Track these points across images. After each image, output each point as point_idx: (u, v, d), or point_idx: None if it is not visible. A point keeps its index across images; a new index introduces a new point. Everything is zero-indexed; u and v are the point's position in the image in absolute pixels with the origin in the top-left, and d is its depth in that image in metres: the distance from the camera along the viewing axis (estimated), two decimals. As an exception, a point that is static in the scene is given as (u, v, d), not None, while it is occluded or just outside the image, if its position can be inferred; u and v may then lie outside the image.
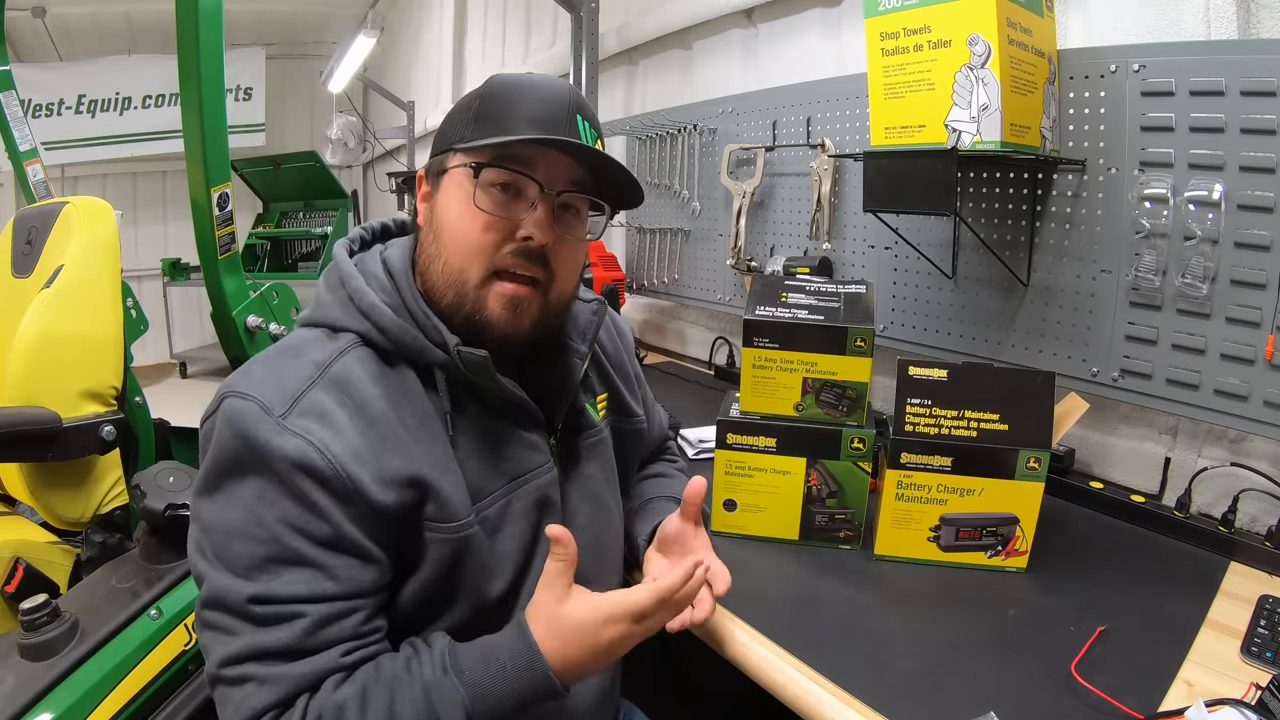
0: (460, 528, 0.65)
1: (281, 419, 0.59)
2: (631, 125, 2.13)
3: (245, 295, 1.48)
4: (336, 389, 0.63)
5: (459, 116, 0.71)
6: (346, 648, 0.59)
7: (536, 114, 0.67)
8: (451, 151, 0.69)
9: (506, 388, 0.70)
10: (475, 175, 0.67)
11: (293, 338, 0.69)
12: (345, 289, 0.69)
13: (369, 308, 0.67)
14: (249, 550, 0.58)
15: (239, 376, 0.64)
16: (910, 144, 1.06)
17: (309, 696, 0.57)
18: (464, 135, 0.69)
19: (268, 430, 0.59)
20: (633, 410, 0.90)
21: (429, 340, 0.67)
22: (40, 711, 0.85)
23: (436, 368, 0.68)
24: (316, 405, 0.61)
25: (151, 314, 1.64)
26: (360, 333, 0.67)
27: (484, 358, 0.66)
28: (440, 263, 0.69)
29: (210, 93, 1.29)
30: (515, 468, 0.72)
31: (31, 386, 1.22)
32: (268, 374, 0.63)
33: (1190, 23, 1.02)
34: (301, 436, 0.59)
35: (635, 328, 2.50)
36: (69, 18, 4.47)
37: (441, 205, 0.70)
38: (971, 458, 0.89)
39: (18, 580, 1.09)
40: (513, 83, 0.70)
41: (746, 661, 0.77)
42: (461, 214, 0.68)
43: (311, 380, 0.63)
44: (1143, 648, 0.76)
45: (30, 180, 1.96)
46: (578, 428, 0.81)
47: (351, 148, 4.53)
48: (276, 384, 0.62)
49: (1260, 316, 0.93)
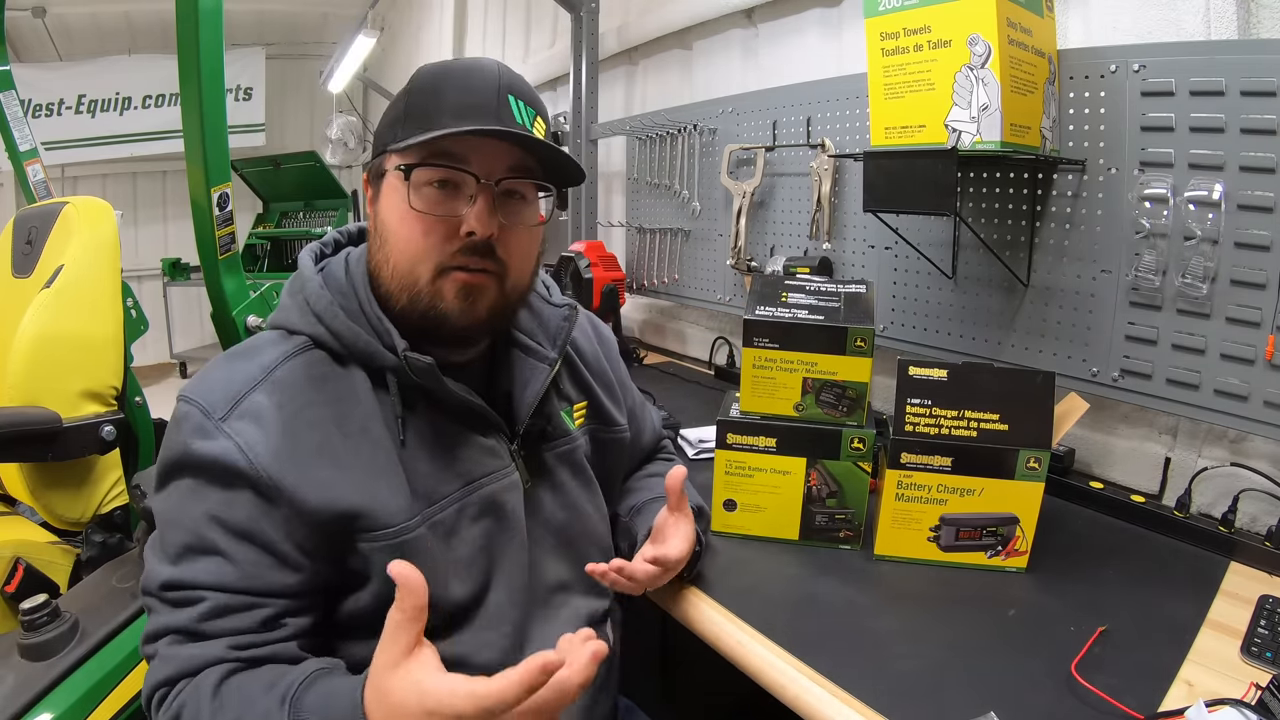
0: (398, 532, 0.65)
1: (221, 421, 0.63)
2: (631, 125, 2.13)
3: (245, 295, 1.48)
4: (278, 391, 0.65)
5: (390, 115, 0.71)
6: (239, 641, 0.60)
7: (463, 102, 0.65)
8: (386, 153, 0.69)
9: (457, 393, 0.69)
10: (406, 177, 0.66)
11: (252, 340, 0.71)
12: (302, 293, 0.69)
13: (322, 311, 0.68)
14: (176, 539, 0.62)
15: (197, 378, 0.67)
16: (910, 144, 1.06)
17: (187, 681, 0.59)
18: (395, 135, 0.68)
19: (201, 436, 0.62)
20: (614, 419, 0.88)
21: (381, 344, 0.67)
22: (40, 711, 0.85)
23: (388, 371, 0.68)
24: (254, 407, 0.64)
25: (151, 314, 1.64)
26: (312, 335, 0.68)
27: (430, 365, 0.66)
28: (389, 267, 0.68)
29: (210, 93, 1.29)
30: (469, 471, 0.71)
31: (31, 386, 1.22)
32: (220, 374, 0.66)
33: (1190, 23, 1.02)
34: (231, 439, 0.62)
35: (635, 328, 2.50)
36: (69, 18, 4.47)
37: (383, 209, 0.69)
38: (971, 458, 0.89)
39: (18, 580, 1.08)
40: (437, 73, 0.69)
41: (746, 662, 0.77)
42: (401, 217, 0.67)
43: (255, 382, 0.65)
44: (1143, 648, 0.76)
45: (30, 180, 1.96)
46: (544, 435, 0.79)
47: (351, 148, 4.53)
48: (224, 384, 0.65)
49: (1260, 316, 0.93)
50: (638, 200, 2.20)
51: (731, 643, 0.80)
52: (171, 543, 0.62)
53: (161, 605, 0.62)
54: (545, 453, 0.79)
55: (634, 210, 2.23)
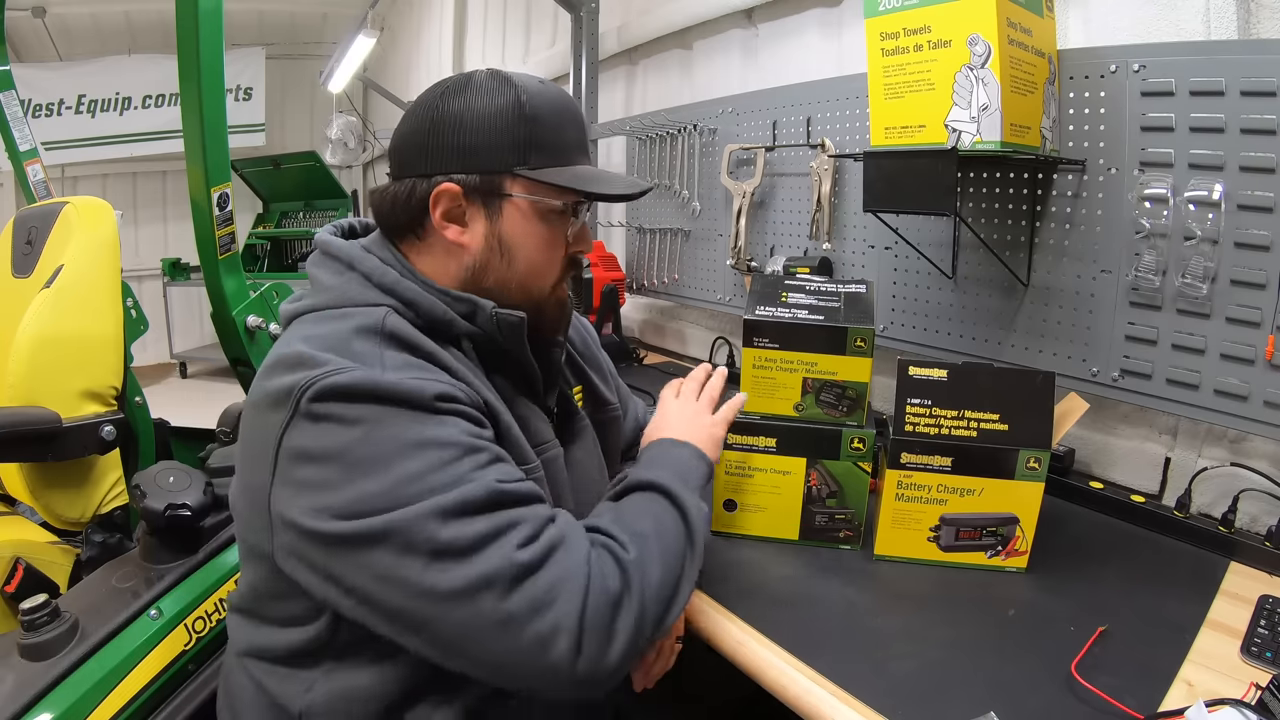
0: (533, 469, 0.70)
1: (386, 373, 0.59)
2: (631, 125, 2.13)
3: (245, 295, 1.47)
4: (403, 347, 0.63)
5: (503, 140, 0.69)
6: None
7: (580, 140, 0.74)
8: (511, 176, 0.70)
9: (529, 356, 0.74)
10: (574, 215, 0.74)
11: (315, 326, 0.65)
12: (357, 270, 0.69)
13: (393, 284, 0.67)
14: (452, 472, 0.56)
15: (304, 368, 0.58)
16: (910, 144, 1.06)
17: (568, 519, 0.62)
18: (523, 159, 0.69)
19: (392, 380, 0.57)
20: (607, 399, 0.94)
21: (455, 313, 0.69)
22: (40, 711, 0.85)
23: (464, 337, 0.70)
24: (401, 361, 0.61)
25: (151, 314, 1.64)
26: (389, 306, 0.66)
27: (521, 318, 0.70)
28: (515, 284, 0.73)
29: (210, 93, 1.29)
30: (534, 437, 0.74)
31: (31, 386, 1.22)
32: (332, 353, 0.60)
33: (1190, 23, 1.02)
34: (418, 379, 0.59)
35: (635, 328, 2.50)
36: (69, 18, 4.47)
37: (511, 231, 0.71)
38: (971, 458, 0.89)
39: (18, 580, 1.08)
40: (550, 105, 0.71)
41: (747, 662, 0.77)
42: (544, 243, 0.73)
43: (378, 343, 0.62)
44: (1143, 648, 0.76)
45: (30, 180, 1.95)
46: (568, 411, 0.86)
47: (351, 148, 4.53)
48: (349, 355, 0.60)
49: (1260, 316, 0.93)
50: (638, 200, 2.20)
51: (732, 643, 0.80)
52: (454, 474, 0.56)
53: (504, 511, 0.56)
54: (572, 426, 0.85)
55: (634, 210, 2.23)
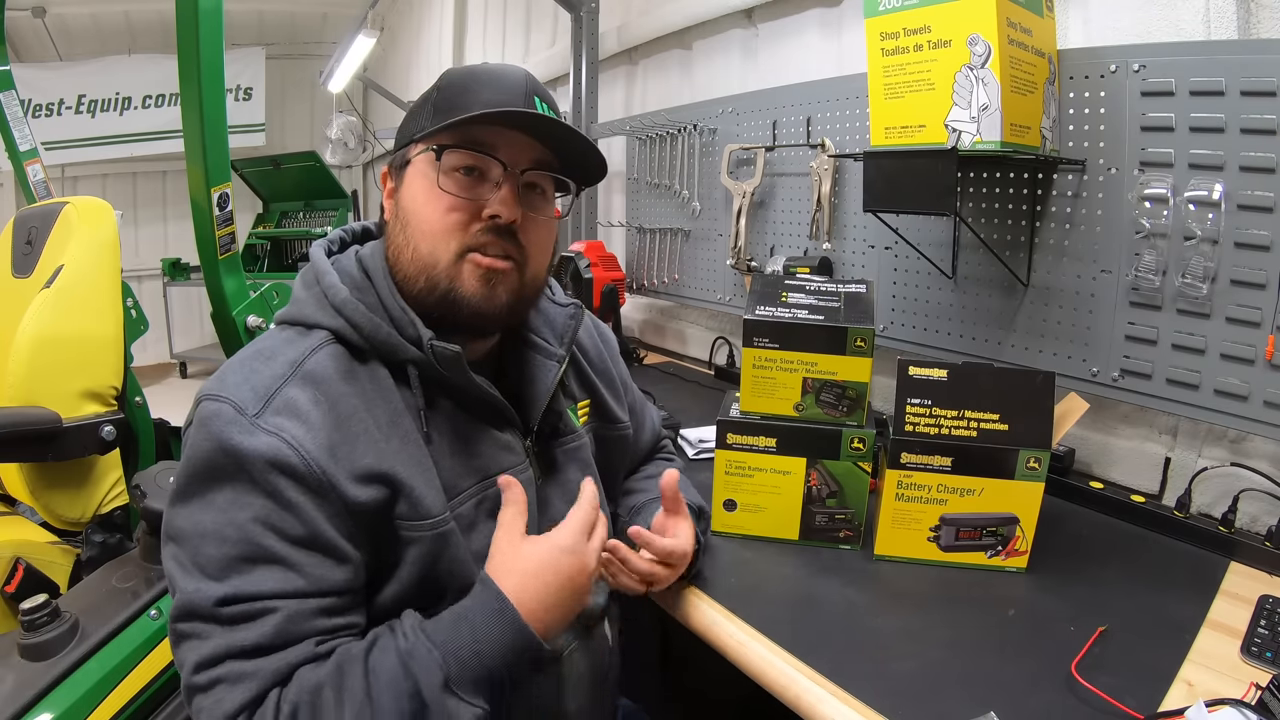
0: (436, 524, 0.65)
1: (255, 418, 0.60)
2: (631, 125, 2.13)
3: (245, 295, 1.48)
4: (310, 385, 0.63)
5: (418, 111, 0.72)
6: (319, 640, 0.59)
7: (493, 99, 0.67)
8: (412, 144, 0.71)
9: (478, 385, 0.70)
10: (438, 158, 0.67)
11: (265, 339, 0.69)
12: (319, 286, 0.69)
13: (342, 303, 0.67)
14: (220, 551, 0.57)
15: (214, 380, 0.64)
16: (910, 144, 1.06)
17: (280, 690, 0.56)
18: (422, 126, 0.70)
19: (241, 431, 0.59)
20: (617, 416, 0.90)
21: (403, 336, 0.68)
22: (40, 711, 0.85)
23: (410, 364, 0.68)
24: (290, 402, 0.61)
25: (151, 314, 1.64)
26: (333, 329, 0.67)
27: (457, 352, 0.67)
28: (409, 250, 0.69)
29: (210, 93, 1.29)
30: (487, 465, 0.72)
31: (31, 386, 1.22)
32: (241, 375, 0.63)
33: (1190, 23, 1.02)
34: (275, 434, 0.59)
35: (635, 328, 2.50)
36: (69, 18, 4.47)
37: (406, 195, 0.71)
38: (971, 458, 0.89)
39: (18, 580, 1.08)
40: (468, 73, 0.71)
41: (747, 662, 0.77)
42: (426, 199, 0.68)
43: (285, 377, 0.63)
44: (1143, 648, 0.76)
45: (30, 180, 1.96)
46: (556, 432, 0.81)
47: (351, 148, 4.53)
48: (249, 384, 0.62)
49: (1260, 316, 0.93)
50: (638, 200, 2.20)
51: (732, 643, 0.80)
52: (215, 556, 0.57)
53: (214, 626, 0.56)
54: (556, 449, 0.81)
55: (634, 210, 2.23)
